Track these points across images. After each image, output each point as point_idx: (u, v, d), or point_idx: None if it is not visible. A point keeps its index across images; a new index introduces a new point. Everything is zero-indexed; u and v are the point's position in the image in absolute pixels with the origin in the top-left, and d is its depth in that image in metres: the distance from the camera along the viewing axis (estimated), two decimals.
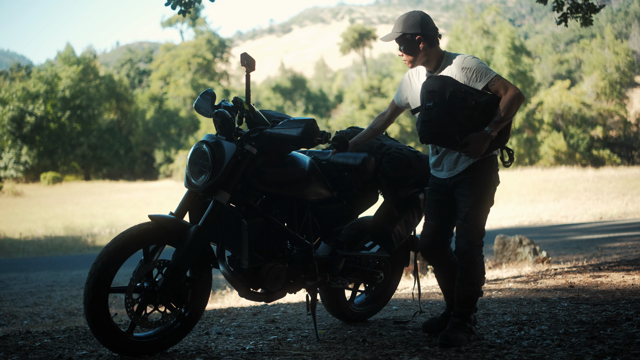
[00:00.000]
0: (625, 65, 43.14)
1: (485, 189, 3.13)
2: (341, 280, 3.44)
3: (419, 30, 3.12)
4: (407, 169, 3.41)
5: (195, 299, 3.02)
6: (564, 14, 6.51)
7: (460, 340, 3.06)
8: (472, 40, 45.06)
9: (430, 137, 3.02)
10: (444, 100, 2.95)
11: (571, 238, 10.82)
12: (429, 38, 3.15)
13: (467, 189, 3.12)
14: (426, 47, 3.15)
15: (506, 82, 3.05)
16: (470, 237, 3.09)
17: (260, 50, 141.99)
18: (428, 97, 3.00)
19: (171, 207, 19.38)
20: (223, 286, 7.44)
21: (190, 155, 3.03)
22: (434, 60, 3.19)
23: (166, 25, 57.11)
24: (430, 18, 3.21)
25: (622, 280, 4.82)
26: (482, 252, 3.15)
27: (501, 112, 2.99)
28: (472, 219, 3.10)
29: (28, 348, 3.11)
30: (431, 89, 3.00)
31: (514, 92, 2.99)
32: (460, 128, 2.98)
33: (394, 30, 3.18)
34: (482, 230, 3.13)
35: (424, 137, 3.03)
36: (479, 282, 3.14)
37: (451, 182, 3.19)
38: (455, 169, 3.17)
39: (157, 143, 47.72)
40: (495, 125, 3.00)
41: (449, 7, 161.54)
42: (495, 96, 3.04)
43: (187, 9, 5.90)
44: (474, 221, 3.10)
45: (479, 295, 3.16)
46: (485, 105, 3.00)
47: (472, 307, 3.15)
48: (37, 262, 11.04)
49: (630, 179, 24.91)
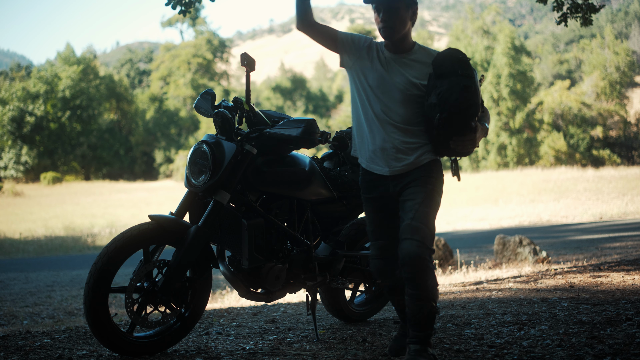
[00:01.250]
0: (625, 65, 43.16)
1: (436, 188, 2.77)
2: (341, 280, 3.44)
3: (416, 4, 2.86)
4: None
5: (195, 299, 3.02)
6: (563, 14, 6.51)
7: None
8: (472, 40, 45.06)
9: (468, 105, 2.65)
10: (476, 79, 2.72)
11: (571, 238, 10.82)
12: (416, 17, 2.87)
13: (417, 187, 2.74)
14: (411, 25, 2.84)
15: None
16: (421, 236, 2.61)
17: (260, 50, 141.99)
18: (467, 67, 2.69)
19: (171, 207, 19.39)
20: (223, 286, 7.44)
21: (190, 155, 3.03)
22: (408, 43, 2.84)
23: (166, 25, 57.14)
24: None
25: (622, 280, 4.82)
26: (432, 260, 2.69)
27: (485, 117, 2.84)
28: (423, 217, 2.66)
29: (28, 348, 3.11)
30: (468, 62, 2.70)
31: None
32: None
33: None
34: (433, 232, 2.71)
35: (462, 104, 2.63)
36: (435, 296, 2.67)
37: (397, 186, 2.79)
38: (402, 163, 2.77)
39: (157, 143, 47.74)
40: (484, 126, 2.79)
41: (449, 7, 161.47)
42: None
43: (187, 9, 5.90)
44: (426, 219, 2.66)
45: (437, 311, 2.70)
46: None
47: (432, 328, 2.69)
48: (37, 262, 11.04)
49: (630, 179, 24.92)
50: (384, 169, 2.80)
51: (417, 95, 2.77)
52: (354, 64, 2.88)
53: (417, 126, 2.79)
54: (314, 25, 2.85)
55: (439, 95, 2.65)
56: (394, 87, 2.78)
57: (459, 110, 2.62)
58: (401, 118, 2.77)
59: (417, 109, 2.77)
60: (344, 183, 3.41)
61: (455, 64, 2.67)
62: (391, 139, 2.78)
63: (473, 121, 2.67)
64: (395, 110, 2.77)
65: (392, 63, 2.82)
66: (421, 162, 2.77)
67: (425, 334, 2.66)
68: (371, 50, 2.87)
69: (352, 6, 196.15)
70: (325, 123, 45.94)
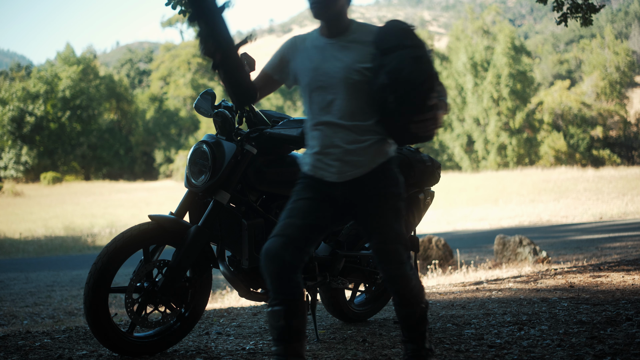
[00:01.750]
0: (625, 65, 43.18)
1: (398, 194, 2.45)
2: (341, 280, 3.44)
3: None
4: (407, 169, 3.41)
5: (195, 299, 3.02)
6: (563, 14, 6.51)
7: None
8: (472, 40, 45.07)
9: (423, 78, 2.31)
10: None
11: (571, 238, 10.82)
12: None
13: (377, 198, 2.42)
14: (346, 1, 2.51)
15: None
16: (399, 258, 2.42)
17: (260, 50, 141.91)
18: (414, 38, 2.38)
19: (171, 207, 19.39)
20: (223, 286, 7.44)
21: (190, 155, 3.03)
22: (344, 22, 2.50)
23: (166, 25, 57.19)
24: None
25: (622, 280, 4.82)
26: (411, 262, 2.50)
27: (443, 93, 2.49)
28: (396, 239, 2.42)
29: (28, 348, 3.11)
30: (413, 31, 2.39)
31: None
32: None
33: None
34: (407, 242, 2.50)
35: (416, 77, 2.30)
36: (421, 297, 2.52)
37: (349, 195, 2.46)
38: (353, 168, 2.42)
39: (157, 143, 47.75)
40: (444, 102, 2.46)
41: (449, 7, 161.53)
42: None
43: (188, 8, 5.90)
44: (400, 239, 2.43)
45: (427, 309, 2.56)
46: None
47: (426, 326, 2.55)
48: (37, 262, 11.03)
49: (630, 179, 24.92)
50: (333, 175, 2.43)
51: (360, 83, 2.38)
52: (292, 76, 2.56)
53: (366, 120, 2.41)
54: (262, 92, 2.62)
55: (389, 72, 2.30)
56: (332, 78, 2.40)
57: (414, 86, 2.29)
58: (345, 113, 2.40)
59: (364, 99, 2.39)
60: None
61: (400, 35, 2.35)
62: (337, 139, 2.42)
63: (432, 96, 2.32)
64: (338, 105, 2.40)
65: (327, 50, 2.46)
66: (375, 164, 2.42)
67: (421, 331, 2.52)
68: (296, 47, 2.54)
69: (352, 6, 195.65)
70: None
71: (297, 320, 2.33)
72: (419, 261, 7.45)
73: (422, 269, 7.40)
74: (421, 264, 7.54)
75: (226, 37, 2.44)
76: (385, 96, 2.32)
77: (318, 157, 2.45)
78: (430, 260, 7.58)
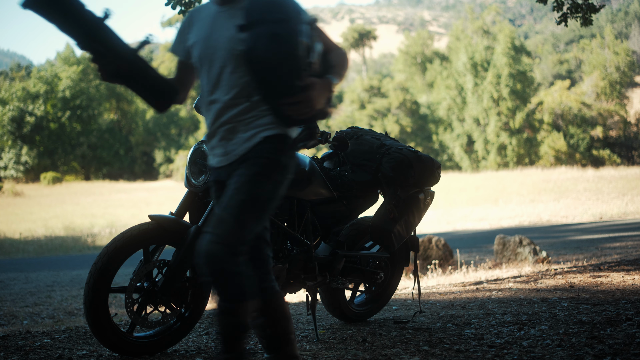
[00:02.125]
0: (625, 65, 43.19)
1: (264, 172, 2.15)
2: (341, 280, 3.44)
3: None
4: (407, 169, 3.41)
5: (196, 299, 3.02)
6: (564, 14, 6.51)
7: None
8: (472, 40, 45.08)
9: (279, 60, 2.07)
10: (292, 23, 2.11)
11: (571, 238, 10.82)
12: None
13: (242, 169, 2.17)
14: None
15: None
16: (222, 230, 2.05)
17: None
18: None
19: (171, 207, 19.39)
20: None
21: (190, 156, 3.04)
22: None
23: (166, 25, 57.20)
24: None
25: (622, 280, 4.82)
26: (240, 262, 2.07)
27: (337, 62, 2.24)
28: (234, 207, 2.08)
29: (28, 348, 3.11)
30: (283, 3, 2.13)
31: (342, 49, 2.33)
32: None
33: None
34: (247, 228, 2.08)
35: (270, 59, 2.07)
36: (239, 308, 2.07)
37: (227, 175, 2.24)
38: (236, 151, 2.22)
39: (157, 143, 47.74)
40: (339, 77, 2.22)
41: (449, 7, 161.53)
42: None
43: (187, 8, 5.90)
44: (237, 210, 2.08)
45: (244, 330, 2.10)
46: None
47: (241, 350, 2.12)
48: (37, 262, 11.04)
49: (630, 179, 24.92)
50: (218, 158, 2.26)
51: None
52: (189, 53, 2.35)
53: (250, 97, 2.18)
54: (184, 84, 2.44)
55: (244, 52, 2.09)
56: (218, 49, 2.18)
57: (268, 67, 2.06)
58: (230, 88, 2.17)
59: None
60: (344, 183, 3.41)
61: (264, 8, 2.09)
62: (224, 118, 2.21)
63: (298, 78, 2.05)
64: (224, 79, 2.18)
65: (217, 19, 2.23)
66: (256, 141, 2.18)
67: (232, 356, 2.10)
68: (192, 20, 2.33)
69: (352, 6, 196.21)
70: (325, 123, 45.92)
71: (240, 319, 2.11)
72: (419, 261, 7.45)
73: (422, 269, 7.40)
74: (421, 264, 7.54)
75: (122, 44, 2.21)
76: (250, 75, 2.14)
77: (208, 140, 2.28)
78: (430, 260, 7.58)
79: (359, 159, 3.51)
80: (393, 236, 3.40)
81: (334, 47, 2.27)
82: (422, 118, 46.07)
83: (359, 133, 3.64)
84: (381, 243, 3.48)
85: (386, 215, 3.42)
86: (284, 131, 2.21)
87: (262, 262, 2.29)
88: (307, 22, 2.13)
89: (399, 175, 3.40)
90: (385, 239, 3.42)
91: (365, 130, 3.70)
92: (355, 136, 3.61)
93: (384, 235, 3.41)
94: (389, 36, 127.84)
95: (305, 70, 2.10)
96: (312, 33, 2.15)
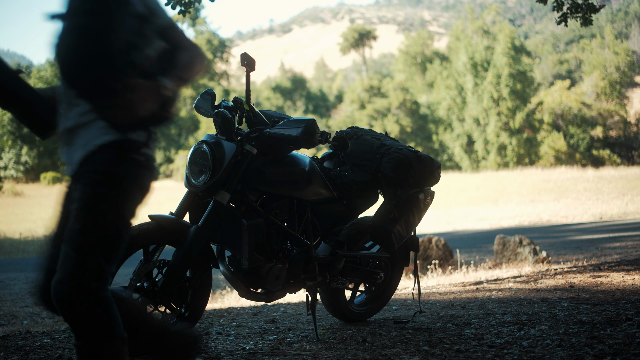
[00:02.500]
0: (625, 65, 43.18)
1: (101, 191, 1.89)
2: (341, 280, 3.44)
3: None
4: (407, 169, 3.41)
5: (195, 299, 3.01)
6: (563, 14, 6.51)
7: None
8: (472, 40, 45.08)
9: (76, 61, 1.86)
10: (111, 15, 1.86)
11: (571, 238, 10.82)
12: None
13: (79, 190, 1.90)
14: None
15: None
16: (70, 268, 1.84)
17: (260, 50, 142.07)
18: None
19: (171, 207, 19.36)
20: (223, 286, 7.44)
21: (190, 155, 3.03)
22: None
23: None
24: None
25: (622, 280, 4.82)
26: (94, 301, 1.85)
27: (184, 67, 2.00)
28: (74, 240, 1.85)
29: (28, 348, 3.11)
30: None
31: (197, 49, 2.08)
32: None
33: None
34: (90, 265, 1.86)
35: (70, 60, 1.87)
36: (101, 347, 1.88)
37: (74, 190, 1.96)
38: (74, 158, 1.96)
39: (157, 143, 47.71)
40: (178, 81, 1.96)
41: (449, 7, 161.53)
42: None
43: (187, 9, 5.90)
44: (76, 243, 1.85)
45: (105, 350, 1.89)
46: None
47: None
48: (37, 262, 11.03)
49: (630, 179, 24.93)
50: (65, 167, 2.01)
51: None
52: None
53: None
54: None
55: (53, 47, 1.90)
56: (66, 32, 1.91)
57: (69, 67, 1.87)
58: (77, 77, 1.92)
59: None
60: (344, 183, 3.41)
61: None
62: (70, 115, 1.96)
63: (113, 78, 1.83)
64: (73, 67, 1.91)
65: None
66: (90, 149, 1.92)
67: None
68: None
69: (352, 6, 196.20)
70: (325, 123, 45.95)
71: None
72: (419, 261, 7.45)
73: (422, 269, 7.40)
74: (421, 264, 7.54)
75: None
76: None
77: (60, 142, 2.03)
78: (430, 260, 7.59)
79: (358, 159, 3.52)
80: (393, 236, 3.40)
81: (186, 45, 2.03)
82: (422, 118, 46.08)
83: (359, 133, 3.65)
84: (381, 243, 3.49)
85: (386, 215, 3.42)
86: (122, 137, 1.92)
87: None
88: (137, 15, 1.89)
89: (399, 175, 3.40)
90: (385, 239, 3.42)
91: (365, 130, 3.70)
92: (355, 136, 3.62)
93: (384, 235, 3.41)
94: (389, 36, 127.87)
95: (125, 70, 1.85)
96: (142, 27, 1.90)
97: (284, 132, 2.98)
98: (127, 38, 1.85)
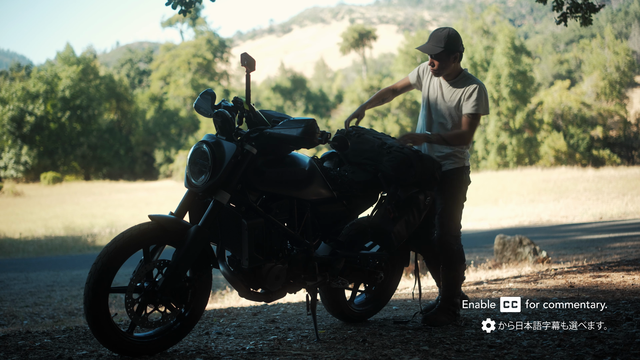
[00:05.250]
0: (625, 65, 43.14)
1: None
2: (341, 280, 3.44)
3: (458, 49, 3.55)
4: (408, 168, 3.41)
5: (195, 299, 3.01)
6: (563, 14, 6.51)
7: (441, 322, 3.48)
8: (472, 40, 45.06)
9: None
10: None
11: (571, 238, 10.82)
12: (460, 56, 3.58)
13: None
14: (456, 63, 3.57)
15: (470, 122, 3.51)
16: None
17: (260, 50, 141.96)
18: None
19: (171, 207, 19.38)
20: (223, 286, 7.44)
21: (190, 155, 3.03)
22: (453, 73, 3.61)
23: (166, 25, 57.08)
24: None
25: (622, 280, 4.82)
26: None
27: (447, 135, 3.48)
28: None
29: (28, 348, 3.11)
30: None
31: (463, 132, 3.51)
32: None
33: (435, 44, 3.52)
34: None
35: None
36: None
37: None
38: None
39: (157, 143, 47.71)
40: (437, 137, 3.49)
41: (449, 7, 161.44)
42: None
43: (188, 8, 5.90)
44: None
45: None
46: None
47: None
48: (37, 262, 11.03)
49: (630, 179, 24.91)
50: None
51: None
52: (419, 86, 3.88)
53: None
54: (400, 92, 3.99)
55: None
56: None
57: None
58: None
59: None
60: (344, 183, 3.41)
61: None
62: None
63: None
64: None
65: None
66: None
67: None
68: (426, 73, 3.79)
69: (352, 6, 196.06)
70: (325, 123, 45.92)
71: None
72: (419, 261, 7.44)
73: (422, 268, 7.39)
74: (421, 263, 7.53)
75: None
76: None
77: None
78: None
79: (359, 158, 3.51)
80: (393, 236, 3.40)
81: (461, 127, 3.38)
82: None
83: (359, 132, 3.64)
84: (381, 243, 3.48)
85: (386, 215, 3.42)
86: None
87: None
88: (467, 111, 3.49)
89: (400, 174, 3.40)
90: (385, 239, 3.42)
91: (366, 130, 3.70)
92: (356, 135, 3.61)
93: (384, 235, 3.41)
94: (389, 36, 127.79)
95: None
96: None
97: (284, 132, 2.98)
98: None
